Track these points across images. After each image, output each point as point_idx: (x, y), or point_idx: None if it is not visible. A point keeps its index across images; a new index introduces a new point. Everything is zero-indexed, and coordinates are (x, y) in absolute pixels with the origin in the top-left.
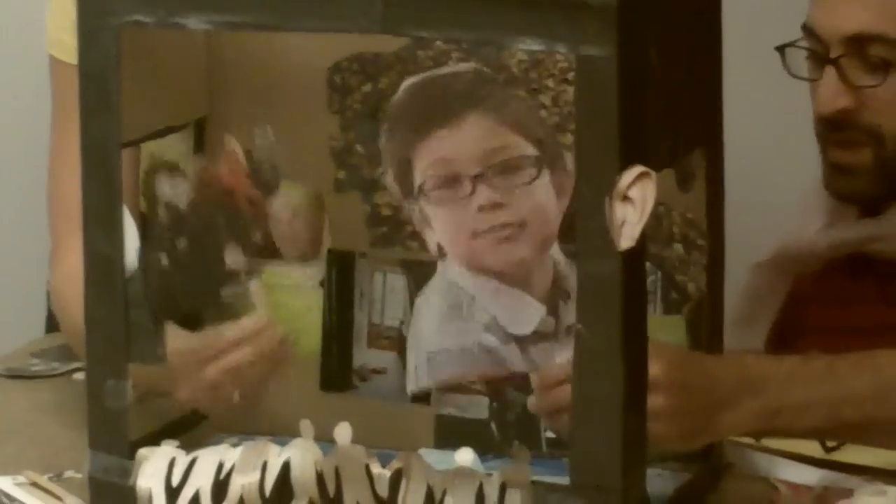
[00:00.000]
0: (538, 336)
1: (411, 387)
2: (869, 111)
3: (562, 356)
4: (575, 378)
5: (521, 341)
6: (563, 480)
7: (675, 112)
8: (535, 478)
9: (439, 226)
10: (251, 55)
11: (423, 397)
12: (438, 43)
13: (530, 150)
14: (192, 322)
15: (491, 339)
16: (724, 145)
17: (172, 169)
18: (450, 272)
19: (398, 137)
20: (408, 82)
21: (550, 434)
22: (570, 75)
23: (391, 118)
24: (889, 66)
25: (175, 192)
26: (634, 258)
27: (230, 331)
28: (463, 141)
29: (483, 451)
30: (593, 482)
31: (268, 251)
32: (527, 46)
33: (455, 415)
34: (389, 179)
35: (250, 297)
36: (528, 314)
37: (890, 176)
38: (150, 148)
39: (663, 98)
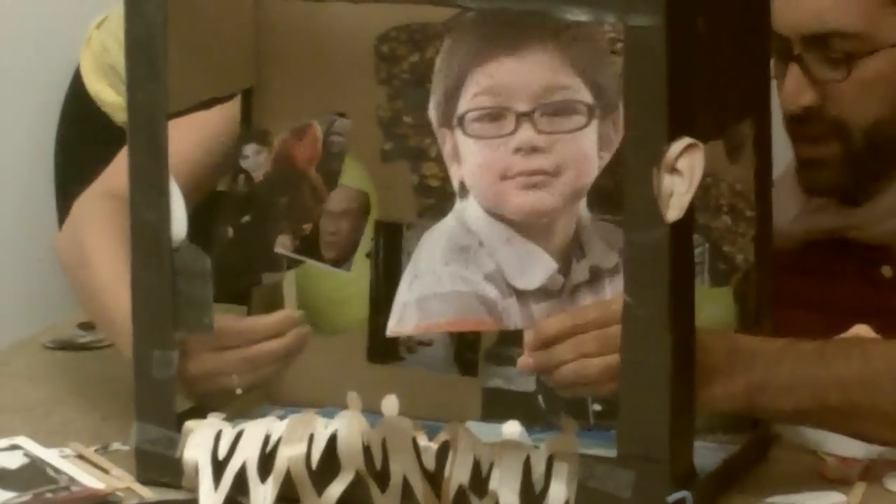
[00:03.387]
0: (542, 292)
1: (391, 328)
2: (834, 105)
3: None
4: (623, 349)
5: (522, 296)
6: (611, 452)
7: (723, 82)
8: (583, 450)
9: (469, 161)
10: (299, 24)
11: (469, 369)
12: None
13: (586, 96)
14: (231, 299)
15: (490, 290)
16: (772, 115)
17: (262, 138)
18: (466, 213)
19: (456, 59)
20: (477, 5)
21: (597, 406)
22: (619, 45)
23: (453, 38)
24: (851, 60)
25: (256, 161)
26: (682, 229)
27: (260, 321)
28: (521, 72)
29: (530, 424)
30: (641, 453)
31: (311, 246)
32: (574, 17)
33: (502, 387)
34: (431, 106)
35: (283, 286)
36: (537, 269)
37: (858, 168)
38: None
39: (711, 68)
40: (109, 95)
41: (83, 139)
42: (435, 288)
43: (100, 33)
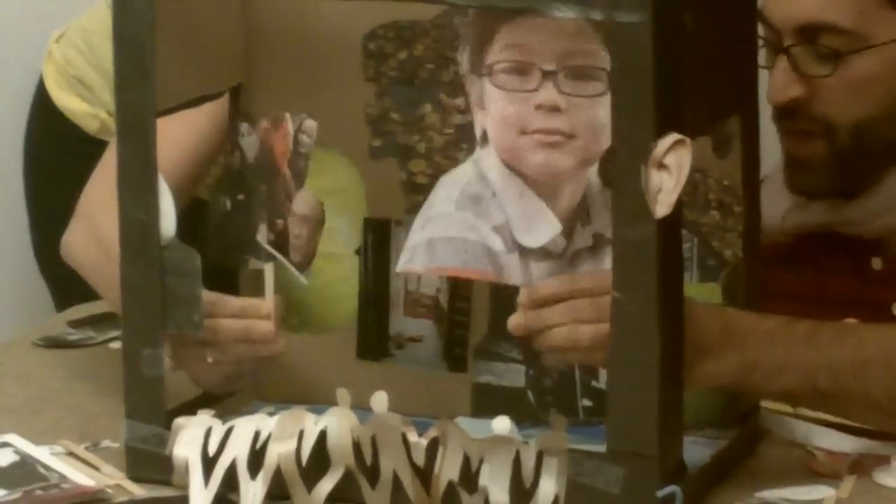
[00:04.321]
0: (543, 252)
1: (401, 265)
2: (821, 101)
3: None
4: (612, 345)
5: (525, 253)
6: (600, 448)
7: (711, 78)
8: (572, 445)
9: (493, 111)
10: (287, 22)
11: (459, 365)
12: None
13: (608, 65)
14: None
15: (496, 242)
16: (759, 111)
17: (251, 119)
18: (483, 162)
19: (486, 13)
20: None
21: (587, 402)
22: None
23: None
24: (840, 56)
25: (248, 141)
26: (670, 225)
27: (227, 300)
28: (549, 33)
29: (520, 419)
30: (630, 449)
31: (283, 244)
32: (562, 13)
33: (492, 383)
34: (463, 54)
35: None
36: (543, 227)
37: (844, 169)
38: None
39: (699, 64)
40: (77, 105)
41: (49, 144)
42: (445, 232)
43: (60, 47)
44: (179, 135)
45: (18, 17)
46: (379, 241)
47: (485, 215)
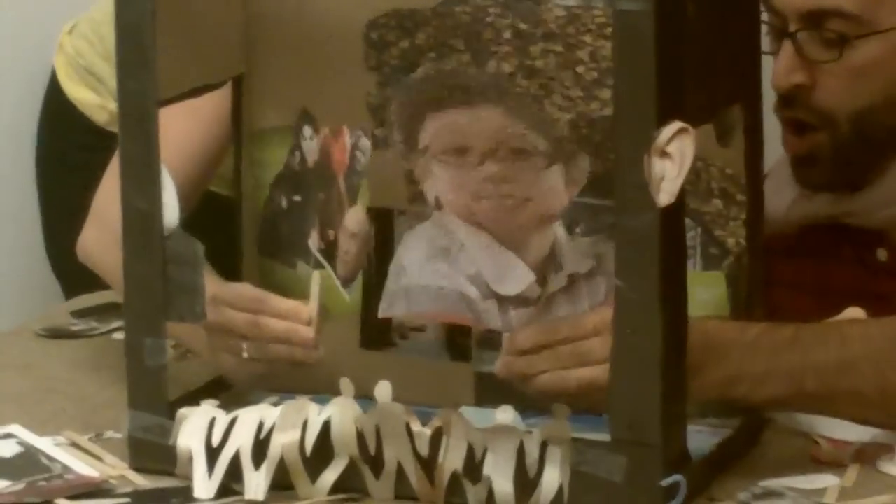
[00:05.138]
0: (519, 299)
1: (382, 312)
2: (822, 91)
3: (540, 319)
4: (614, 333)
5: (501, 300)
6: (604, 437)
7: (713, 66)
8: (576, 434)
9: (440, 180)
10: (288, 11)
11: (462, 355)
12: None
13: (543, 146)
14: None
15: (471, 290)
16: (762, 99)
17: (314, 123)
18: (445, 219)
19: (411, 98)
20: (427, 69)
21: None
22: (608, 30)
23: (405, 85)
24: (846, 41)
25: (310, 145)
26: (673, 213)
27: (276, 300)
28: (477, 122)
29: (523, 409)
30: (633, 438)
31: (332, 255)
32: (564, 1)
33: (495, 372)
34: (394, 132)
35: (310, 284)
36: (516, 277)
37: (847, 160)
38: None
39: (701, 52)
40: (88, 97)
41: (61, 136)
42: (420, 280)
43: (72, 38)
44: (185, 127)
45: (31, 10)
46: (382, 230)
47: (455, 265)
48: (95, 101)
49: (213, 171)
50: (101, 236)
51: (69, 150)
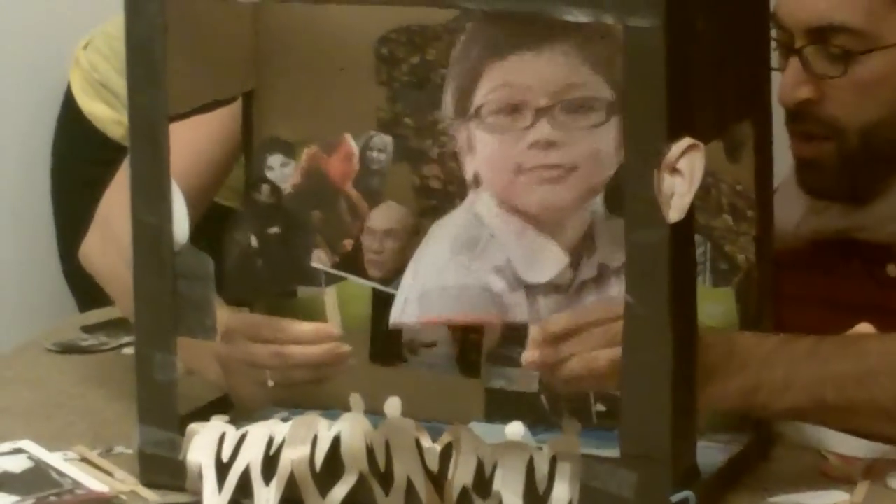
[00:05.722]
0: (550, 287)
1: (393, 319)
2: (830, 103)
3: (568, 309)
4: (624, 349)
5: (530, 290)
6: (613, 452)
7: (723, 82)
8: (585, 450)
9: (484, 153)
10: (298, 26)
11: (472, 370)
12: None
13: (606, 93)
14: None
15: (497, 283)
16: (772, 115)
17: (286, 150)
18: (478, 204)
19: (473, 52)
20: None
21: (601, 406)
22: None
23: (472, 32)
24: (851, 56)
25: (282, 172)
26: (683, 229)
27: (297, 325)
28: (539, 69)
29: (533, 424)
30: (643, 453)
31: (353, 264)
32: (574, 18)
33: (505, 388)
34: (447, 96)
35: (323, 304)
36: (549, 262)
37: (853, 171)
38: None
39: (711, 68)
40: (103, 111)
41: (75, 151)
42: (439, 281)
43: (87, 53)
44: (191, 140)
45: (46, 26)
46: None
47: (483, 258)
48: (110, 115)
49: (219, 184)
50: (103, 244)
51: (84, 165)
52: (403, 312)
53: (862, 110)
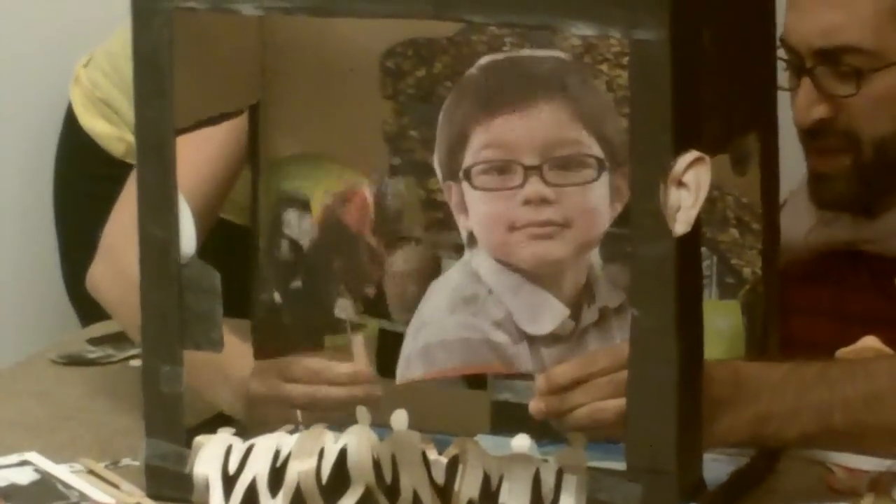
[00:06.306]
0: (552, 338)
1: (400, 376)
2: (846, 117)
3: (572, 355)
4: (630, 361)
5: (532, 341)
6: (619, 465)
7: (729, 96)
8: (591, 463)
9: (477, 212)
10: (305, 40)
11: (478, 383)
12: (492, 28)
13: (596, 150)
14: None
15: (499, 336)
16: (778, 129)
17: (302, 206)
18: (474, 261)
19: (460, 113)
20: (485, 59)
21: None
22: (624, 60)
23: (458, 92)
24: (861, 74)
25: (301, 228)
26: (689, 242)
27: (333, 367)
28: (529, 127)
29: (539, 437)
30: (649, 466)
31: (377, 308)
32: (580, 31)
33: (511, 400)
34: (436, 156)
35: (352, 349)
36: (549, 314)
37: (868, 182)
38: (276, 182)
39: (717, 82)
40: (103, 128)
41: (77, 168)
42: (441, 336)
43: (88, 70)
44: (197, 152)
45: (47, 43)
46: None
47: (482, 313)
48: (112, 132)
49: (222, 199)
50: (108, 271)
51: (86, 181)
52: (409, 368)
53: (876, 124)
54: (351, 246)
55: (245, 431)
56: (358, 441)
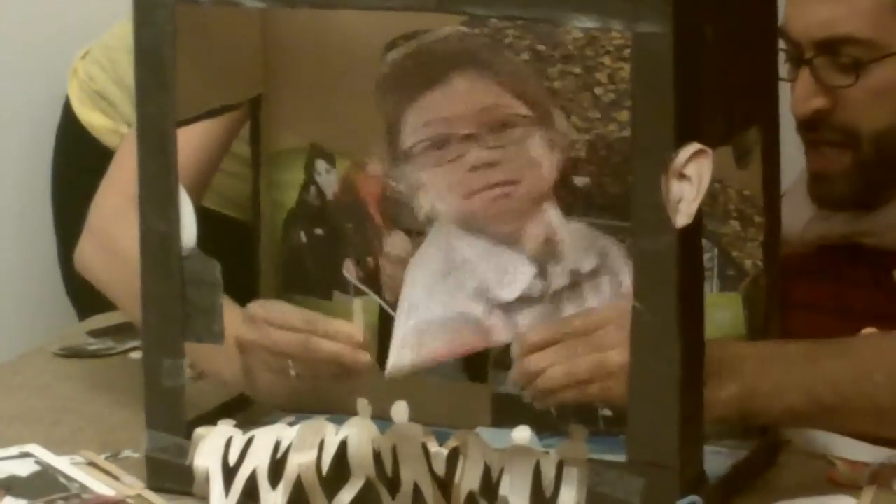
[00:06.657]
0: (524, 301)
1: (389, 370)
2: (845, 111)
3: (547, 321)
4: (632, 355)
5: (506, 309)
6: (620, 458)
7: (731, 89)
8: (592, 455)
9: (432, 188)
10: (306, 33)
11: (479, 376)
12: (493, 21)
13: (522, 109)
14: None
15: (476, 308)
16: (780, 122)
17: (330, 159)
18: (441, 234)
19: (388, 103)
20: (392, 55)
21: (607, 412)
22: (626, 53)
23: (379, 87)
24: (861, 65)
25: (327, 179)
26: (691, 235)
27: (330, 321)
28: (453, 101)
29: (540, 429)
30: (650, 459)
31: (374, 281)
32: (582, 24)
33: (512, 393)
34: (379, 149)
35: (351, 312)
36: (517, 275)
37: (868, 179)
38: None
39: (719, 75)
40: (100, 121)
41: (75, 161)
42: (426, 315)
43: (84, 64)
44: (192, 142)
45: (45, 37)
46: None
47: (457, 286)
48: (108, 125)
49: (201, 188)
50: (102, 253)
51: (83, 174)
52: (399, 358)
53: (874, 117)
54: (361, 213)
55: (246, 424)
56: (358, 433)
